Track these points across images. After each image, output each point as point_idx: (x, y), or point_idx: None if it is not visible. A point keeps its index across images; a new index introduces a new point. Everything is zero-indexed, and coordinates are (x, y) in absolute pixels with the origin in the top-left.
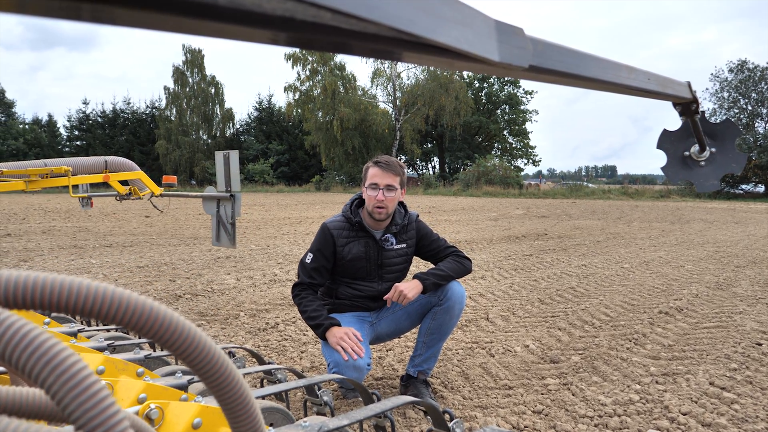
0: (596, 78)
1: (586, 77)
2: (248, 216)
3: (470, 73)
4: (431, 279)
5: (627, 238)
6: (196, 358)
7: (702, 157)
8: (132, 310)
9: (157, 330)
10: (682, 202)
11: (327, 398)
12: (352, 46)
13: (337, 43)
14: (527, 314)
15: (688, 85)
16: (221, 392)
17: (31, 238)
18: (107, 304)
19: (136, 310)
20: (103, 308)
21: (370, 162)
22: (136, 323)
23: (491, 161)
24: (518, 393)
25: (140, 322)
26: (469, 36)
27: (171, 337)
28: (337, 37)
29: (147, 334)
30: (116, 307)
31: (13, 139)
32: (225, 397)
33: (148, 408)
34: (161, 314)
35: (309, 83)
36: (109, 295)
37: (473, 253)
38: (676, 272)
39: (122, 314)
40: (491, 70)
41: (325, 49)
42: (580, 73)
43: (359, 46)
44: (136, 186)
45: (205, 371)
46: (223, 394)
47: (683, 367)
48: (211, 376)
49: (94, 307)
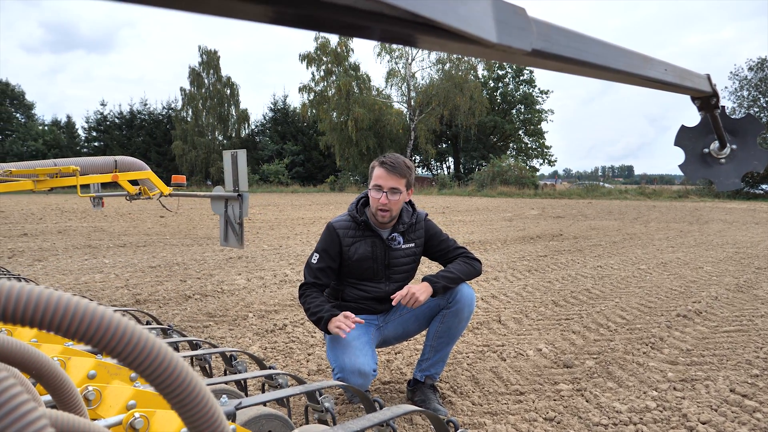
0: (608, 66)
1: (596, 65)
2: (262, 216)
3: (485, 73)
4: (441, 282)
5: (644, 238)
6: (149, 368)
7: (722, 155)
8: (71, 316)
9: (101, 338)
10: (701, 202)
11: (328, 404)
12: (322, 20)
13: (306, 16)
14: (540, 317)
15: (708, 78)
16: (180, 405)
17: (46, 238)
18: (41, 309)
19: (75, 316)
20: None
21: (377, 161)
22: (76, 331)
23: (506, 161)
24: (530, 399)
25: (81, 328)
26: (461, 11)
27: (118, 346)
28: (306, 9)
29: (91, 342)
30: (54, 313)
31: (33, 140)
32: (186, 411)
33: (132, 417)
34: (112, 324)
35: (323, 84)
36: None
37: (487, 253)
38: (695, 274)
39: (61, 321)
40: (489, 54)
41: (295, 23)
42: (590, 60)
43: (329, 19)
44: (145, 186)
45: (163, 385)
46: (183, 408)
47: (702, 373)
48: (172, 392)
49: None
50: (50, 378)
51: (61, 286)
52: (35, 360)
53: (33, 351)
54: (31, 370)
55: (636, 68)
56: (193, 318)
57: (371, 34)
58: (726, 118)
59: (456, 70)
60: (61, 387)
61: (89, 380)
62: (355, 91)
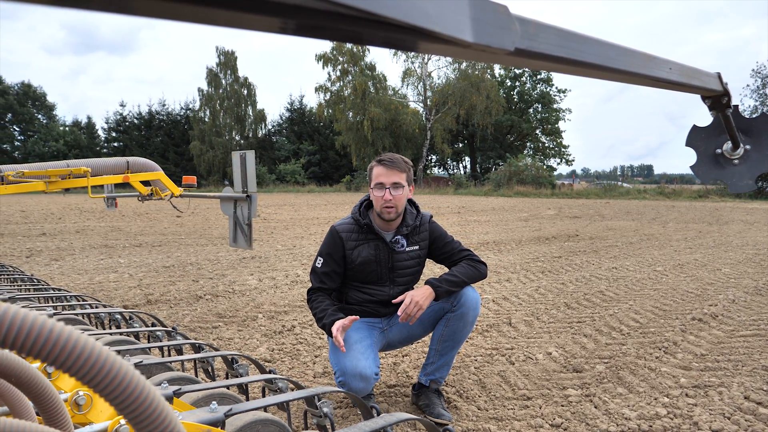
0: (606, 66)
1: (593, 65)
2: (277, 216)
3: (502, 72)
4: (444, 286)
5: (661, 239)
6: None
7: (735, 155)
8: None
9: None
10: (721, 202)
11: (327, 410)
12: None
13: (272, 21)
14: (552, 319)
15: (718, 77)
16: (127, 413)
17: (64, 238)
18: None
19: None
20: None
21: (374, 161)
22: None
23: (523, 161)
24: (536, 404)
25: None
26: (430, 10)
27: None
28: (273, 14)
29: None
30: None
31: (54, 140)
32: (134, 419)
33: (117, 424)
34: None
35: (339, 83)
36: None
37: (500, 254)
38: (712, 276)
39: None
40: (468, 54)
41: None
42: (586, 59)
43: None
44: (157, 187)
45: (107, 391)
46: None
47: (716, 379)
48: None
49: None
50: (29, 384)
51: (76, 285)
52: (13, 366)
53: (11, 357)
54: (10, 377)
55: (638, 67)
56: (202, 318)
57: (331, 34)
58: (739, 118)
59: (472, 69)
60: (41, 394)
61: (83, 385)
62: (371, 91)
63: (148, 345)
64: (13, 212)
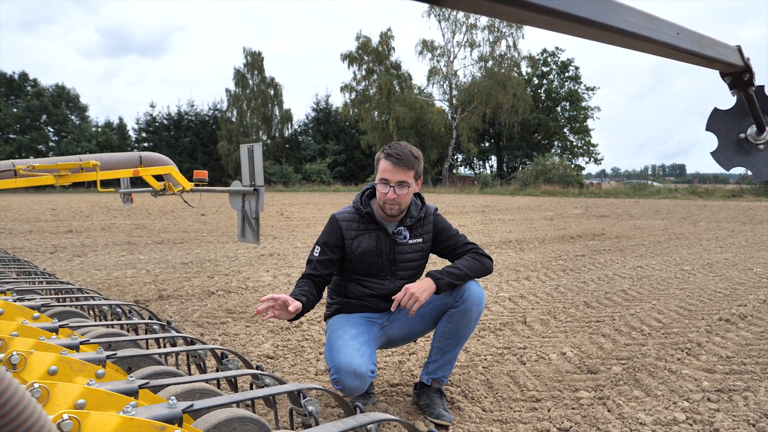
0: (595, 21)
1: (572, 16)
2: (300, 214)
3: (529, 70)
4: (446, 278)
5: (691, 238)
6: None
7: (761, 140)
8: None
9: None
10: (756, 201)
11: (312, 408)
12: None
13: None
14: (569, 318)
15: (739, 50)
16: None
17: (89, 235)
18: None
19: None
20: None
21: (382, 153)
22: None
23: (550, 160)
24: (545, 407)
25: None
26: None
27: None
28: None
29: None
30: None
31: (87, 141)
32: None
33: (60, 418)
34: None
35: (365, 83)
36: None
37: (522, 252)
38: (743, 275)
39: None
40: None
41: None
42: (561, 9)
43: None
44: (170, 182)
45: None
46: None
47: (741, 383)
48: None
49: None
50: None
51: (93, 281)
52: None
53: None
54: None
55: (635, 27)
56: (211, 314)
57: None
58: (764, 98)
59: (498, 67)
60: None
61: (49, 377)
62: (397, 90)
63: (137, 337)
64: (43, 210)
